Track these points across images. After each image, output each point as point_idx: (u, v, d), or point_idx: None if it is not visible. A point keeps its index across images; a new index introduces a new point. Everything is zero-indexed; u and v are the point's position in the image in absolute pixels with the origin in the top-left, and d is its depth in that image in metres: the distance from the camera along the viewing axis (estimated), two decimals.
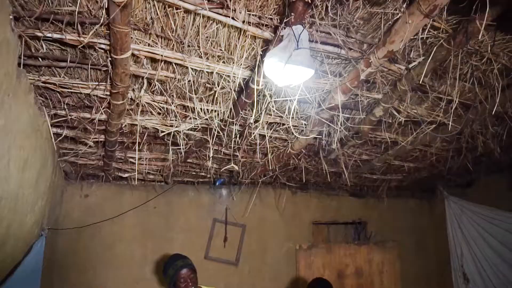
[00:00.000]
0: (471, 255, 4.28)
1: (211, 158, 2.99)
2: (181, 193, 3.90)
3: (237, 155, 3.20)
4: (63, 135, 2.65)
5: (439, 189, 4.75)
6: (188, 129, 2.56)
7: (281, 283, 4.02)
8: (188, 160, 3.39)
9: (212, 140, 2.58)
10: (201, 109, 2.38)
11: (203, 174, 3.84)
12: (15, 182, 1.56)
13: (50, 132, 2.16)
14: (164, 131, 2.53)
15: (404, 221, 4.80)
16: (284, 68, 1.55)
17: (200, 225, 3.89)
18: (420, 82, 2.05)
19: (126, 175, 3.57)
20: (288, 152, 2.93)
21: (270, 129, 2.75)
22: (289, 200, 4.27)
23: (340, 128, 2.45)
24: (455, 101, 2.13)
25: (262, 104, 2.25)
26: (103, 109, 2.26)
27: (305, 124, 2.57)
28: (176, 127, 2.49)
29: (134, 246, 3.66)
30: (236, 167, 2.77)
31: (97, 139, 2.78)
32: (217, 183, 4.07)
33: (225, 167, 2.96)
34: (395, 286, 4.53)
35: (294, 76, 1.62)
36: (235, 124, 2.52)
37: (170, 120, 2.53)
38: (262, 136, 2.90)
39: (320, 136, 2.75)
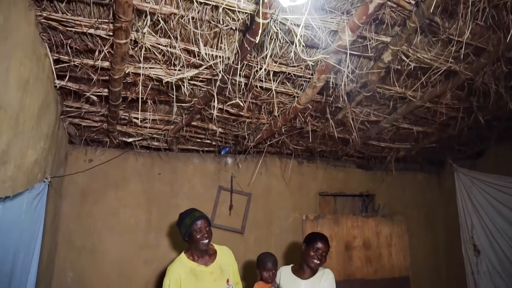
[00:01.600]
0: (482, 225, 4.19)
1: (215, 114, 2.95)
2: (186, 160, 3.86)
3: (242, 114, 3.17)
4: (66, 89, 2.65)
5: (448, 162, 4.66)
6: (192, 77, 2.51)
7: (287, 252, 3.96)
8: (193, 123, 3.35)
9: (216, 88, 2.53)
10: (206, 53, 2.33)
11: (208, 141, 3.80)
12: (15, 99, 1.52)
13: (52, 68, 2.12)
14: (168, 80, 2.48)
15: (413, 195, 4.73)
16: None
17: (205, 192, 3.84)
18: (431, 12, 1.97)
19: (130, 139, 3.54)
20: (294, 107, 2.87)
21: (276, 81, 2.69)
22: (295, 170, 4.21)
23: (347, 71, 2.38)
24: (466, 35, 2.06)
25: (269, 44, 2.20)
26: (106, 50, 2.22)
27: (312, 74, 2.51)
28: (180, 74, 2.45)
29: (138, 212, 3.63)
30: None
31: (100, 93, 2.75)
32: (222, 152, 4.02)
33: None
34: (404, 260, 4.44)
35: None
36: (241, 72, 2.47)
37: (174, 69, 2.49)
38: (268, 91, 2.86)
39: (328, 87, 2.68)
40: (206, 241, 2.43)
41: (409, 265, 4.46)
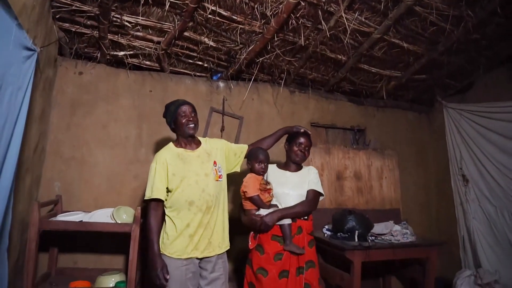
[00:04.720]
0: (470, 155, 4.25)
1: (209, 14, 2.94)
2: (177, 81, 3.83)
3: (235, 18, 3.16)
4: None
5: (437, 100, 4.72)
6: None
7: None
8: (185, 34, 3.34)
9: None
10: None
11: (200, 63, 3.78)
12: None
13: None
14: None
15: (403, 132, 4.78)
16: None
17: (197, 112, 3.80)
18: None
19: (121, 53, 3.50)
20: (287, 3, 2.87)
21: None
22: (287, 99, 4.22)
23: None
24: None
25: None
26: None
27: None
28: None
29: (129, 127, 3.59)
30: None
31: None
32: (214, 78, 4.01)
33: None
34: (394, 193, 4.48)
35: None
36: None
37: None
38: None
39: None
40: (192, 125, 2.46)
41: (399, 198, 4.50)
